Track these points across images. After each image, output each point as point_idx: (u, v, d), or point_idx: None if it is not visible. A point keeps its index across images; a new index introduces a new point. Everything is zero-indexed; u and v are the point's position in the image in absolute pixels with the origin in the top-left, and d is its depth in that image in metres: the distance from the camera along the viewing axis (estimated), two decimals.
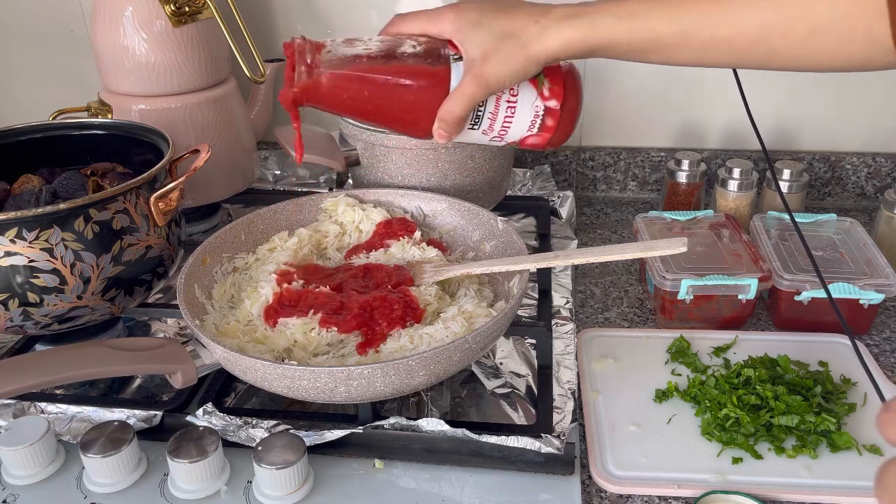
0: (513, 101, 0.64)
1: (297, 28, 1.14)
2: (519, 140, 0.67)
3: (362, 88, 0.62)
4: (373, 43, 0.63)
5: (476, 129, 0.65)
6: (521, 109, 0.64)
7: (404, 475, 0.64)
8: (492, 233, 0.81)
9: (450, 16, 0.62)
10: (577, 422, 0.67)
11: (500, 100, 0.64)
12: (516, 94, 0.64)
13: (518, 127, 0.66)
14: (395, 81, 0.61)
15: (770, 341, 0.80)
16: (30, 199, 0.75)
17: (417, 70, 0.61)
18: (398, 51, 0.62)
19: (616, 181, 1.17)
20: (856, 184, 1.13)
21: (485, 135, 0.66)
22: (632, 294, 0.91)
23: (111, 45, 0.91)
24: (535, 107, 0.64)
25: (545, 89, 0.64)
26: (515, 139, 0.67)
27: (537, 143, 0.67)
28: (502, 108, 0.64)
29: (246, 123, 1.03)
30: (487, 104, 0.64)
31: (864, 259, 0.84)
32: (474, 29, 0.60)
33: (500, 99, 0.64)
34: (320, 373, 0.59)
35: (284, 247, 0.80)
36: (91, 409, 0.69)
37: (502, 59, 0.59)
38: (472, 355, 0.64)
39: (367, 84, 0.62)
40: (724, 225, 0.90)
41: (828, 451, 0.66)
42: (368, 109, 0.63)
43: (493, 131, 0.66)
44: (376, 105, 0.63)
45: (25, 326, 0.72)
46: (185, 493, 0.61)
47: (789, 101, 1.09)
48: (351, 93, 0.62)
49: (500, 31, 0.59)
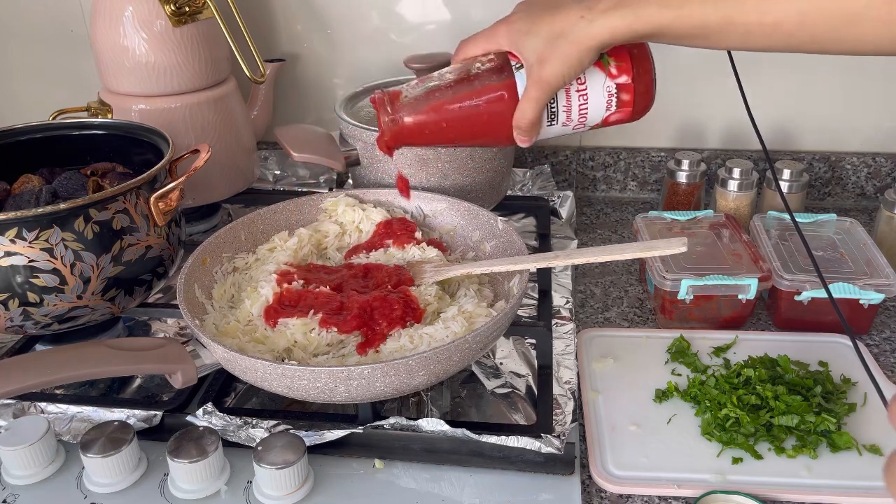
0: (582, 89, 0.65)
1: (297, 28, 1.14)
2: (602, 120, 0.68)
3: (442, 120, 0.66)
4: (444, 74, 0.67)
5: (555, 124, 0.67)
6: (594, 94, 0.66)
7: (404, 475, 0.64)
8: (492, 233, 0.81)
9: (502, 30, 0.65)
10: (577, 422, 0.68)
11: (570, 91, 0.65)
12: (584, 81, 0.65)
13: (595, 110, 0.67)
14: (469, 105, 0.66)
15: (770, 341, 0.80)
16: (30, 199, 0.75)
17: (486, 88, 0.65)
18: (466, 75, 0.66)
19: (616, 181, 1.17)
20: (856, 184, 1.13)
21: (566, 126, 0.68)
22: (632, 294, 0.91)
23: (111, 45, 0.91)
24: (607, 87, 0.66)
25: (612, 68, 0.65)
26: (597, 121, 0.68)
27: (621, 118, 0.69)
28: (574, 99, 0.66)
29: (246, 123, 1.03)
30: (558, 99, 0.65)
31: (864, 259, 0.84)
32: (526, 37, 0.63)
33: (569, 91, 0.65)
34: (320, 373, 0.59)
35: (284, 247, 0.81)
36: (91, 409, 0.69)
37: (557, 58, 0.61)
38: (472, 355, 0.64)
39: (445, 114, 0.66)
40: (724, 225, 0.90)
41: (828, 451, 0.66)
42: (453, 135, 0.68)
43: (573, 121, 0.67)
44: (458, 129, 0.67)
45: (25, 326, 0.72)
46: (185, 493, 0.61)
47: (789, 101, 1.09)
48: (434, 126, 0.67)
49: (549, 33, 0.61)
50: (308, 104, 1.19)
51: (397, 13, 1.11)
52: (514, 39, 0.64)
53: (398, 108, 0.66)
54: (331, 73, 1.17)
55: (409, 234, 0.81)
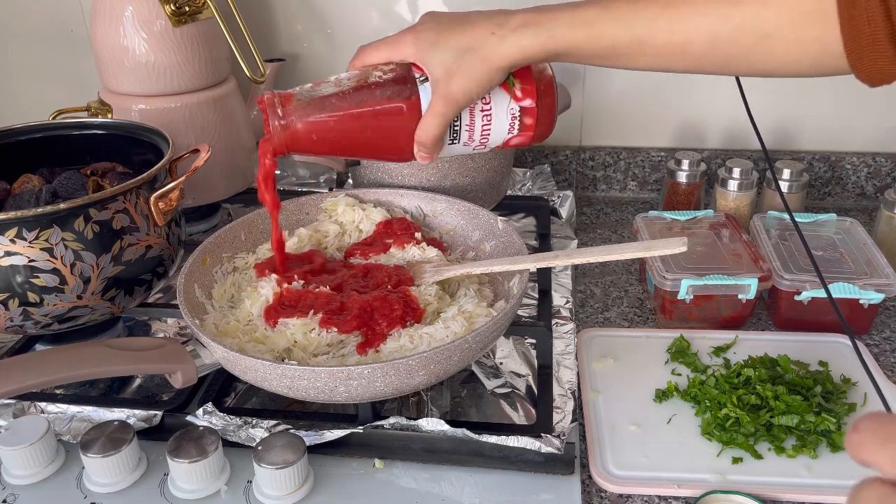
0: (487, 108, 0.64)
1: (297, 28, 1.14)
2: (502, 143, 0.67)
3: (336, 128, 0.62)
4: (341, 80, 0.64)
5: (457, 143, 0.65)
6: (497, 115, 0.64)
7: (404, 475, 0.64)
8: (492, 233, 0.81)
9: (408, 39, 0.62)
10: (577, 422, 0.68)
11: (475, 111, 0.64)
12: (489, 101, 0.63)
13: (498, 132, 0.66)
14: (368, 114, 0.62)
15: (770, 341, 0.80)
16: (30, 198, 0.75)
17: (387, 99, 0.62)
18: (365, 83, 0.62)
19: (616, 181, 1.17)
20: (856, 184, 1.13)
21: (466, 146, 0.66)
22: (632, 294, 0.91)
23: (111, 45, 0.91)
24: (511, 109, 0.64)
25: (517, 90, 0.64)
26: (498, 143, 0.67)
27: (521, 142, 0.67)
28: (478, 118, 0.64)
29: (246, 123, 1.03)
30: (462, 117, 0.63)
31: (864, 259, 0.84)
32: (433, 49, 0.60)
33: (473, 110, 0.64)
34: (320, 373, 0.59)
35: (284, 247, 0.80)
36: (91, 408, 0.69)
37: (465, 73, 0.59)
38: (472, 355, 0.64)
39: (341, 122, 0.62)
40: (724, 225, 0.90)
41: (828, 450, 0.66)
42: (348, 146, 0.64)
43: (474, 141, 0.66)
44: (354, 141, 0.63)
45: (25, 326, 0.72)
46: (185, 492, 0.61)
47: (789, 101, 1.09)
48: (328, 134, 0.62)
49: (458, 47, 0.59)
50: None
51: (397, 13, 1.11)
52: (421, 49, 0.61)
53: (289, 112, 0.62)
54: (331, 73, 1.15)
55: (410, 234, 0.81)
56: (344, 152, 0.65)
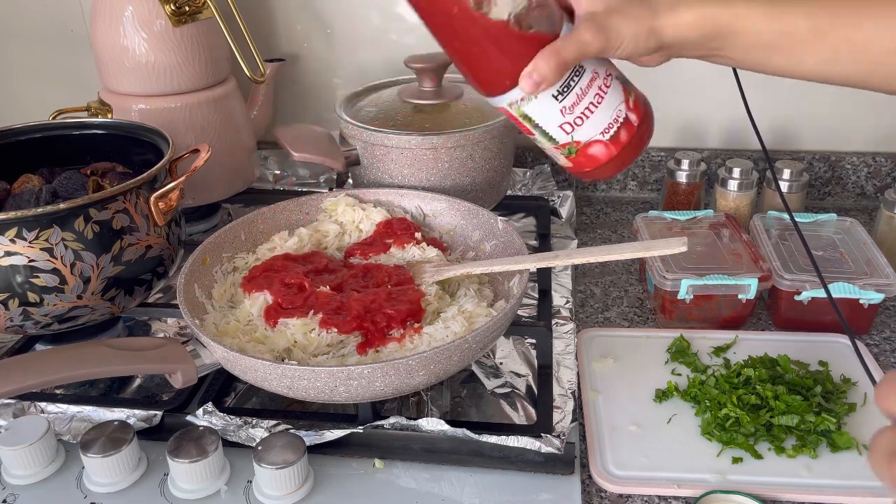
0: (604, 90, 0.59)
1: (297, 28, 1.14)
2: (586, 141, 0.60)
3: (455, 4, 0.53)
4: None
5: (558, 101, 0.58)
6: (607, 104, 0.59)
7: (404, 475, 0.64)
8: (492, 233, 0.81)
9: None
10: (577, 422, 0.68)
11: (596, 80, 0.58)
12: (608, 86, 0.59)
13: (595, 123, 0.60)
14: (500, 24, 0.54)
15: (770, 341, 0.80)
16: (30, 198, 0.75)
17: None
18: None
19: (616, 181, 1.17)
20: (856, 183, 1.13)
21: (561, 114, 0.59)
22: (632, 294, 0.91)
23: (111, 45, 0.91)
24: (619, 110, 0.60)
25: (632, 99, 0.60)
26: (583, 138, 0.60)
27: (601, 154, 0.61)
28: (592, 90, 0.58)
29: (246, 123, 1.03)
30: (583, 76, 0.57)
31: (864, 259, 0.84)
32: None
33: (595, 79, 0.58)
34: (320, 373, 0.59)
35: (284, 247, 0.80)
36: (91, 408, 0.69)
37: (627, 17, 0.53)
38: (472, 355, 0.64)
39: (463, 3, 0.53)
40: (724, 225, 0.90)
41: (828, 450, 0.66)
42: (456, 30, 0.55)
43: (573, 113, 0.59)
44: (464, 26, 0.54)
45: (25, 326, 0.72)
46: (185, 492, 0.61)
47: (789, 101, 1.09)
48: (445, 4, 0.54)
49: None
50: (308, 104, 1.19)
51: (397, 13, 1.11)
52: None
53: None
54: (331, 73, 1.17)
55: (410, 234, 0.81)
56: (449, 36, 0.56)
